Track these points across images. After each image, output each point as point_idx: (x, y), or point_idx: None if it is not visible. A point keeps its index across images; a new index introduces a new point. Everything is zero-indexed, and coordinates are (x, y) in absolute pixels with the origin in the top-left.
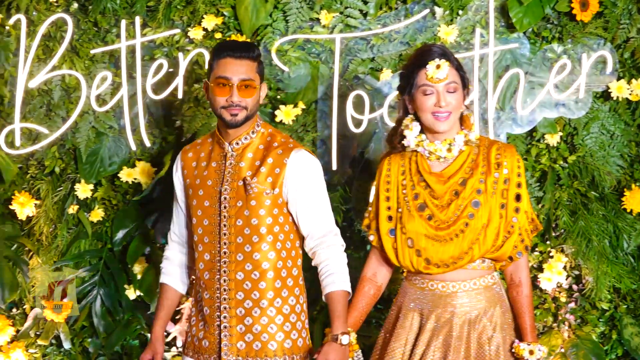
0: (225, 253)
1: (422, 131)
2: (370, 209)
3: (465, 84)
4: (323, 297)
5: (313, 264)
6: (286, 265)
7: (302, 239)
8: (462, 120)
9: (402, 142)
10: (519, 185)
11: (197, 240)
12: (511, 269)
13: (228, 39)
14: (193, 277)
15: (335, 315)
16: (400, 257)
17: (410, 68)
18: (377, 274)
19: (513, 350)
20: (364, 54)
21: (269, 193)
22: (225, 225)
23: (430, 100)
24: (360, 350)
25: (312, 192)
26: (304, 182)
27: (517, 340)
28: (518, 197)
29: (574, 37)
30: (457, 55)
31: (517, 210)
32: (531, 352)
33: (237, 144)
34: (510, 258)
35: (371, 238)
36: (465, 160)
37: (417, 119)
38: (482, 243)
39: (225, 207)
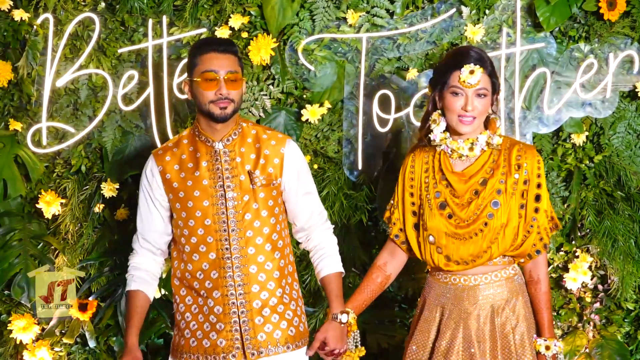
0: (235, 249)
1: (447, 129)
2: (392, 202)
3: (495, 90)
4: (318, 279)
5: (304, 247)
6: (286, 251)
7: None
8: (488, 123)
9: (429, 135)
10: (538, 185)
11: (197, 242)
12: (530, 266)
13: (255, 38)
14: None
15: (333, 295)
16: (423, 252)
17: (445, 67)
18: (387, 264)
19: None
20: (390, 53)
21: (275, 184)
22: (233, 222)
23: (458, 102)
24: (358, 332)
25: (307, 180)
26: (299, 170)
27: (535, 335)
28: (538, 198)
29: (601, 37)
30: None
31: (536, 210)
32: (547, 348)
33: (229, 140)
34: (529, 256)
35: (389, 230)
36: (487, 161)
37: (444, 115)
38: (501, 242)
39: (232, 204)
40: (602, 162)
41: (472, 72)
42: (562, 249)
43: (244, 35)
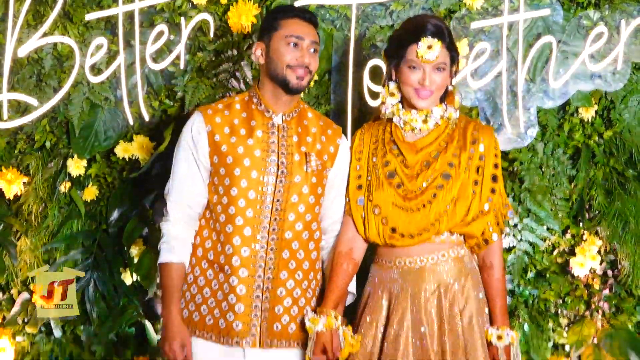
0: (274, 230)
1: (402, 101)
2: None
3: (453, 62)
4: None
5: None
6: (319, 247)
7: None
8: (446, 96)
9: (380, 107)
10: (495, 165)
11: (235, 213)
12: (483, 252)
13: (235, 3)
14: None
15: None
16: (367, 227)
17: (401, 40)
18: (353, 250)
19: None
20: (382, 21)
21: (326, 172)
22: (278, 201)
23: (415, 75)
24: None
25: (346, 181)
26: (346, 165)
27: (487, 325)
28: (495, 178)
29: (612, 3)
30: (483, 23)
31: (493, 190)
32: (499, 337)
33: (289, 116)
34: (486, 241)
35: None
36: (441, 134)
37: (400, 88)
38: (450, 217)
39: (281, 182)
40: (612, 139)
41: (430, 47)
42: (568, 231)
43: (223, 1)
